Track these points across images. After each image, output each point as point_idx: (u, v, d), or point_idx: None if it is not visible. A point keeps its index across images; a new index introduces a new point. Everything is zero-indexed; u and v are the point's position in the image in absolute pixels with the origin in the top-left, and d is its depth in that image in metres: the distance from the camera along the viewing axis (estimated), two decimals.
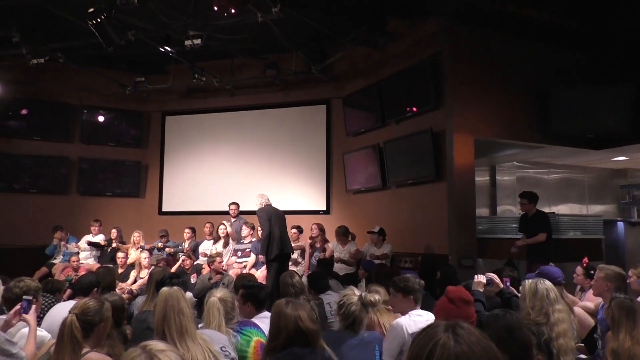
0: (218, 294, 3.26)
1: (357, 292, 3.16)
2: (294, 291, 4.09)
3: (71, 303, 3.33)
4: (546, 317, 3.04)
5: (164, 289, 2.93)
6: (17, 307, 3.02)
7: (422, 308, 3.48)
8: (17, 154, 9.63)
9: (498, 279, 3.90)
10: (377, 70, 8.26)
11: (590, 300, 4.47)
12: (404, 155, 7.62)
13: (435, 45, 7.19)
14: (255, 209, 6.89)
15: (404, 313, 3.39)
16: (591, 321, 4.08)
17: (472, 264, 6.70)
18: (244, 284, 3.74)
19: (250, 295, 3.52)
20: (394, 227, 7.63)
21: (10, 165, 9.63)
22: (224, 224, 8.23)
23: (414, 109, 7.52)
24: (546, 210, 9.35)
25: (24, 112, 9.81)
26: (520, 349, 2.21)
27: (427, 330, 1.29)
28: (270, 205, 6.91)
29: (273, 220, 6.62)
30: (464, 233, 6.82)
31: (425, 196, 7.35)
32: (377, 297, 3.21)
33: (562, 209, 9.79)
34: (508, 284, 4.11)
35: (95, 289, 3.92)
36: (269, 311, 3.64)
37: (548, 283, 3.22)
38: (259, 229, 7.36)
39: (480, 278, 3.81)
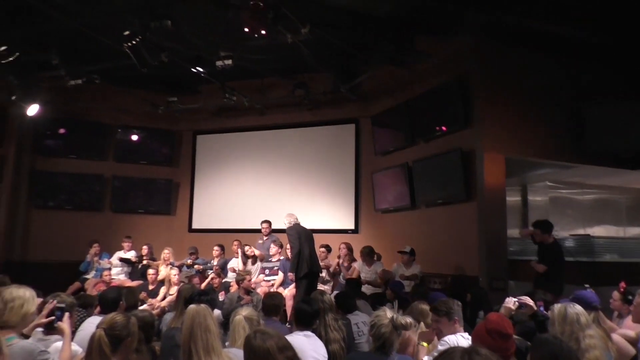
0: (244, 312, 3.27)
1: (389, 314, 3.11)
2: (323, 307, 4.06)
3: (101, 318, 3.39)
4: (577, 343, 2.91)
5: (192, 306, 2.96)
6: (45, 311, 3.09)
7: None
8: (54, 171, 9.93)
9: (531, 302, 3.79)
10: (406, 89, 8.25)
11: (630, 328, 4.28)
12: (433, 175, 7.55)
13: (464, 63, 7.15)
14: (284, 227, 6.93)
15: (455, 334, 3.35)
16: (631, 350, 3.90)
17: (504, 287, 6.54)
18: (301, 299, 3.77)
19: (296, 309, 3.56)
20: (423, 247, 7.53)
21: (48, 182, 9.92)
22: (248, 245, 8.30)
23: (444, 127, 7.47)
24: (580, 232, 9.14)
25: (61, 131, 10.13)
26: None
27: (444, 356, 1.27)
28: (299, 224, 6.94)
29: (302, 239, 6.64)
30: (494, 254, 6.67)
31: (455, 216, 7.24)
32: (408, 319, 3.15)
33: (597, 230, 9.50)
34: (542, 308, 3.99)
35: (121, 302, 3.98)
36: (316, 330, 3.66)
37: (578, 307, 3.11)
38: (287, 247, 7.37)
39: (510, 303, 3.70)
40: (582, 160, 7.50)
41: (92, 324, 3.45)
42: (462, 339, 3.26)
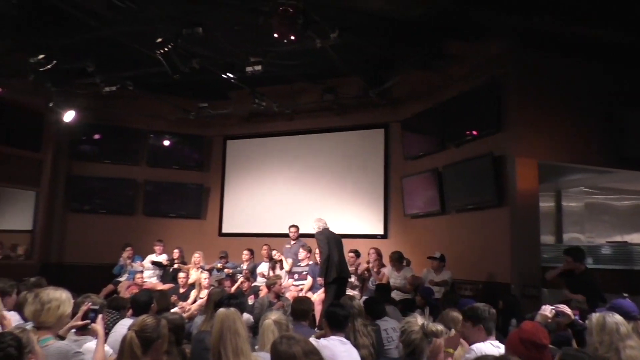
0: (273, 316, 3.27)
1: (420, 320, 3.05)
2: (353, 312, 4.04)
3: (132, 320, 3.45)
4: (616, 354, 2.80)
5: (221, 309, 2.98)
6: (80, 313, 3.17)
7: None
8: (90, 176, 10.20)
9: (569, 310, 3.67)
10: (437, 93, 8.17)
11: None
12: (464, 180, 7.45)
13: (497, 68, 7.04)
14: (313, 231, 6.93)
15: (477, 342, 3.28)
16: None
17: (537, 294, 6.39)
18: (331, 302, 3.77)
19: (328, 313, 3.55)
20: (454, 253, 7.43)
21: (83, 187, 10.19)
22: (275, 250, 8.41)
23: (475, 132, 7.36)
24: (618, 239, 8.86)
25: (96, 137, 10.41)
26: None
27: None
28: (328, 229, 6.93)
29: (332, 244, 6.63)
30: (527, 261, 6.53)
31: (487, 222, 7.12)
32: (439, 327, 3.09)
33: (635, 237, 9.19)
34: (577, 317, 3.87)
35: (153, 305, 4.04)
36: (346, 336, 3.64)
37: (618, 317, 2.98)
38: (316, 252, 7.37)
39: (547, 311, 3.60)
40: (619, 165, 7.27)
41: (124, 326, 3.52)
42: (490, 347, 3.18)
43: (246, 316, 4.87)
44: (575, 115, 7.04)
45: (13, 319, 3.54)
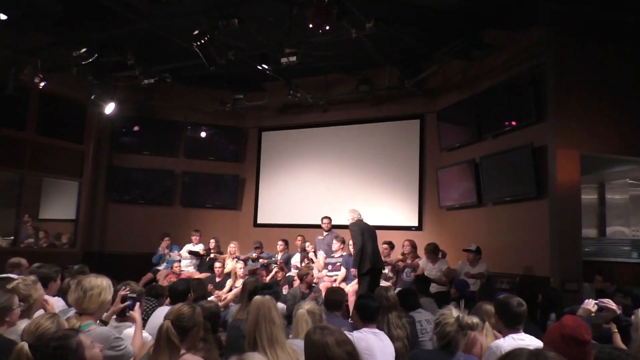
0: (306, 306, 3.29)
1: (454, 313, 3.02)
2: (387, 304, 4.02)
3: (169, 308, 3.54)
4: None
5: (257, 297, 3.01)
6: (118, 298, 3.30)
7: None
8: (129, 167, 10.45)
9: (613, 304, 3.55)
10: (473, 83, 8.01)
11: None
12: (501, 171, 7.30)
13: (536, 56, 6.84)
14: (347, 223, 6.92)
15: (503, 336, 3.23)
16: None
17: (577, 288, 6.22)
18: (361, 294, 3.77)
19: (358, 305, 3.55)
20: (490, 245, 7.30)
21: (123, 177, 10.46)
22: (308, 242, 8.54)
23: (513, 122, 7.19)
24: None
25: (136, 128, 10.65)
26: None
27: (511, 356, 1.21)
28: (362, 220, 6.91)
29: (366, 235, 6.61)
30: (568, 255, 6.36)
31: (525, 214, 6.96)
32: (475, 320, 3.05)
33: None
34: (621, 312, 3.74)
35: (190, 294, 4.12)
36: (380, 328, 3.64)
37: None
38: (350, 243, 7.36)
39: (590, 305, 3.49)
40: None
41: (162, 313, 3.60)
42: (518, 341, 3.11)
43: (280, 305, 4.93)
44: (618, 104, 6.79)
45: (57, 304, 3.68)
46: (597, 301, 3.59)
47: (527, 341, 3.14)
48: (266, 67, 7.95)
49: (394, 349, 3.62)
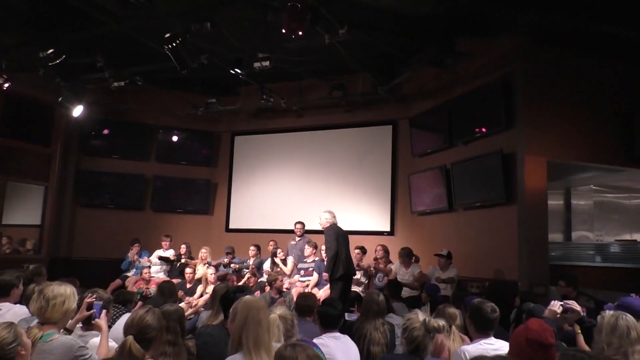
0: (278, 311, 3.26)
1: (421, 317, 3.05)
2: (377, 309, 4.03)
3: None
4: (624, 358, 2.72)
5: (248, 297, 2.96)
6: (84, 305, 3.20)
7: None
8: (99, 171, 10.24)
9: (578, 307, 3.64)
10: (446, 90, 8.13)
11: None
12: (471, 177, 7.42)
13: (507, 65, 6.99)
14: (322, 223, 6.65)
15: (472, 340, 3.27)
16: None
17: (545, 292, 6.35)
18: (323, 300, 3.75)
19: (319, 312, 3.53)
20: (460, 250, 7.40)
21: (92, 181, 10.24)
22: (280, 249, 8.44)
23: (484, 129, 7.32)
24: (627, 237, 8.81)
25: (105, 132, 10.45)
26: None
27: None
28: (336, 224, 6.84)
29: (340, 240, 6.52)
30: (535, 259, 6.50)
31: (494, 219, 7.09)
32: (441, 322, 3.09)
33: None
34: (584, 314, 3.84)
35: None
36: (342, 332, 3.64)
37: (630, 319, 2.86)
38: (322, 248, 7.35)
39: (555, 307, 3.57)
40: (630, 164, 7.22)
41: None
42: (485, 345, 3.17)
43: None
44: (585, 113, 6.99)
45: (19, 312, 3.55)
46: (562, 303, 3.67)
47: (496, 346, 3.19)
48: (240, 71, 7.92)
49: (372, 353, 3.64)
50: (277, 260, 8.23)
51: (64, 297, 3.00)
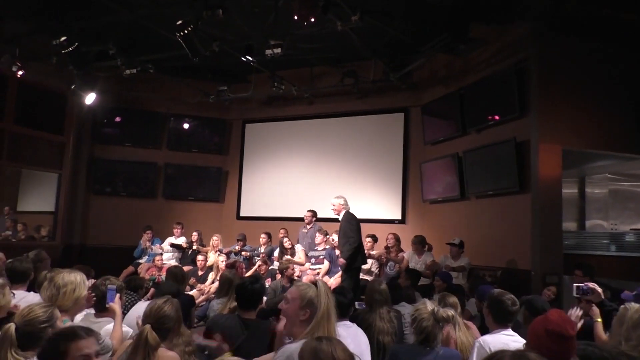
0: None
1: (429, 306, 3.03)
2: (379, 299, 4.01)
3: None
4: None
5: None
6: (91, 291, 3.24)
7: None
8: (111, 159, 10.30)
9: (599, 288, 3.59)
10: (458, 77, 8.04)
11: None
12: (484, 165, 7.35)
13: (521, 51, 6.89)
14: (337, 209, 6.57)
15: (491, 331, 3.25)
16: None
17: (558, 282, 6.30)
18: (334, 289, 3.72)
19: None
20: (472, 239, 7.36)
21: (105, 169, 10.30)
22: (287, 238, 8.47)
23: (497, 117, 7.24)
24: None
25: (117, 119, 10.49)
26: None
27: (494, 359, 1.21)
28: (350, 210, 6.72)
29: (359, 231, 6.46)
30: (549, 248, 6.44)
31: (507, 208, 7.03)
32: (450, 312, 3.07)
33: None
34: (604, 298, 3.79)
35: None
36: (352, 320, 3.63)
37: None
38: (333, 236, 7.34)
39: (573, 316, 3.39)
40: None
41: (142, 307, 3.55)
42: (505, 337, 3.13)
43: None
44: (600, 100, 6.88)
45: (33, 300, 3.57)
46: (583, 284, 3.62)
47: (516, 337, 3.16)
48: (251, 58, 7.87)
49: (382, 343, 3.63)
50: (290, 247, 8.27)
51: (74, 284, 3.02)
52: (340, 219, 6.50)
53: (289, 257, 8.13)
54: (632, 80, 7.01)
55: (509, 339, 3.12)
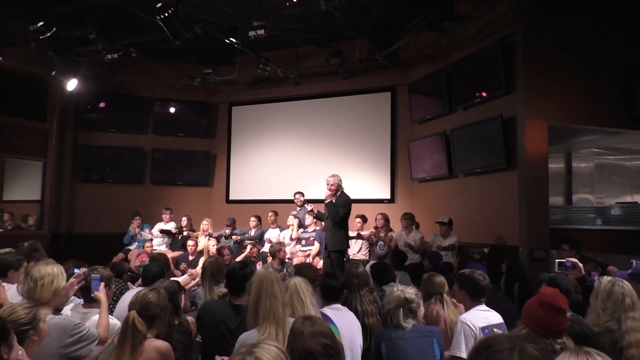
0: (297, 280, 3.20)
1: (395, 290, 3.11)
2: (358, 282, 4.01)
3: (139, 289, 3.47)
4: (617, 323, 2.76)
5: (260, 270, 2.96)
6: (73, 280, 3.21)
7: (488, 301, 3.36)
8: (96, 145, 10.17)
9: (580, 264, 3.66)
10: (445, 55, 8.00)
11: None
12: (472, 143, 7.36)
13: (506, 28, 6.85)
14: (333, 187, 6.53)
15: (467, 309, 3.31)
16: None
17: (545, 256, 6.38)
18: (325, 272, 3.74)
19: (322, 284, 3.53)
20: (461, 217, 7.42)
21: (91, 156, 10.18)
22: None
23: (484, 94, 7.23)
24: (628, 199, 8.81)
25: (102, 105, 10.33)
26: None
27: (491, 350, 1.21)
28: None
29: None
30: (536, 223, 6.50)
31: (495, 185, 7.07)
32: (411, 292, 3.14)
33: None
34: (596, 277, 3.84)
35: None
36: (351, 305, 3.66)
37: (626, 286, 2.89)
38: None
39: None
40: (630, 126, 7.14)
41: (130, 296, 3.54)
42: (482, 313, 3.25)
43: None
44: (587, 75, 6.88)
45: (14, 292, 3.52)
46: (565, 260, 3.68)
47: (492, 312, 3.26)
48: (235, 40, 7.77)
49: (368, 325, 3.66)
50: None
51: (51, 276, 2.96)
52: (326, 200, 6.47)
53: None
54: (617, 55, 7.01)
55: (488, 314, 3.25)
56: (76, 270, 3.62)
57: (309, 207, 7.20)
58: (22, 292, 2.96)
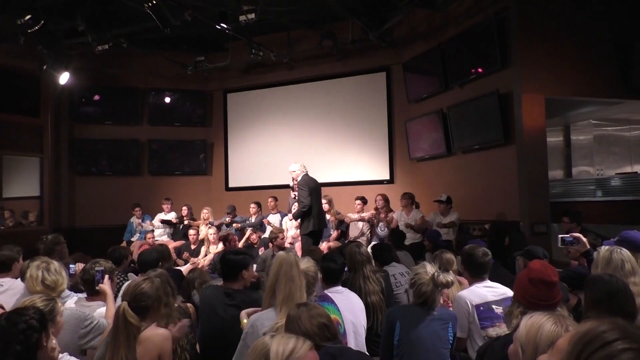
0: (302, 265, 3.18)
1: (429, 271, 2.99)
2: (361, 259, 3.99)
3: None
4: None
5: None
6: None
7: (491, 278, 3.34)
8: (93, 138, 10.12)
9: (584, 238, 3.64)
10: (439, 32, 7.91)
11: None
12: (469, 120, 7.31)
13: (500, 1, 6.76)
14: (295, 176, 6.67)
15: (470, 285, 3.29)
16: None
17: (546, 230, 6.38)
18: (323, 255, 3.71)
19: (321, 268, 3.50)
20: (461, 194, 7.40)
21: (87, 150, 10.14)
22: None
23: (479, 70, 7.16)
24: (628, 169, 8.78)
25: (96, 98, 10.26)
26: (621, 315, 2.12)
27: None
28: (308, 175, 6.74)
29: (313, 196, 6.48)
30: (536, 198, 6.48)
31: (494, 161, 7.04)
32: (450, 278, 3.04)
33: None
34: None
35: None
36: (354, 283, 3.64)
37: (625, 253, 2.90)
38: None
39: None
40: (628, 96, 7.08)
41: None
42: (483, 289, 3.21)
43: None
44: (583, 46, 6.81)
45: (21, 287, 3.53)
46: (569, 235, 3.67)
47: (495, 288, 3.22)
48: (225, 26, 7.67)
49: (370, 303, 3.65)
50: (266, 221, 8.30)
51: (63, 279, 3.06)
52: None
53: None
54: (613, 25, 6.92)
55: (487, 291, 3.20)
56: (71, 266, 3.62)
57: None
58: (28, 287, 3.00)
